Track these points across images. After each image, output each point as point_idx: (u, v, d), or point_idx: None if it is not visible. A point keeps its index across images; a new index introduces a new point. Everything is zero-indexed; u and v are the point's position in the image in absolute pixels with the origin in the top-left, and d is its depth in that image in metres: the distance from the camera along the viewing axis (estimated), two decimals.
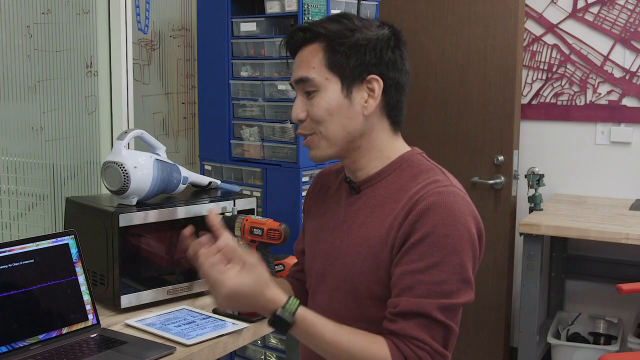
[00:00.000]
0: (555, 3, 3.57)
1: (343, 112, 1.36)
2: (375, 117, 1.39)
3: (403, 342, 1.26)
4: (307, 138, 1.41)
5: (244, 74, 2.84)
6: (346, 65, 1.35)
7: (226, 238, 1.26)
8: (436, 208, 1.28)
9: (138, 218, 1.93)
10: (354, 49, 1.35)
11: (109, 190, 1.98)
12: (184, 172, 2.12)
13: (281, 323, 1.23)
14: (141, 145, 2.18)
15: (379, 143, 1.41)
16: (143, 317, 1.86)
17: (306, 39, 1.38)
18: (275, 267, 2.06)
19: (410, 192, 1.34)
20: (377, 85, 1.37)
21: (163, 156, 2.09)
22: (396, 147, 1.43)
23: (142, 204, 1.99)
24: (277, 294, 1.24)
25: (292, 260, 2.13)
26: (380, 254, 1.34)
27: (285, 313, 1.23)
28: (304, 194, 2.61)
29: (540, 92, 3.65)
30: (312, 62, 1.37)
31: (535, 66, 3.65)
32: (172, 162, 2.09)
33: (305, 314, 1.25)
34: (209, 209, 1.40)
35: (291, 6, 2.64)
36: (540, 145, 3.67)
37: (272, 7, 2.72)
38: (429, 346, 1.25)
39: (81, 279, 1.78)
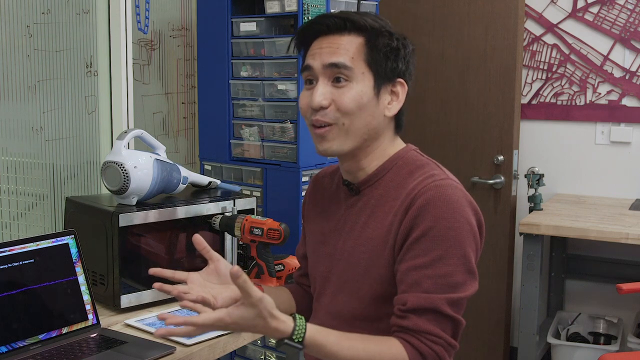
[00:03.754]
0: (555, 3, 3.57)
1: (370, 109, 1.37)
2: (388, 119, 1.41)
3: (417, 339, 1.26)
4: (325, 128, 1.36)
5: (243, 73, 2.84)
6: (383, 65, 1.37)
7: (223, 266, 1.34)
8: (435, 202, 1.29)
9: (138, 218, 1.93)
10: (393, 52, 1.38)
11: (109, 190, 1.98)
12: (184, 172, 2.12)
13: (291, 350, 1.21)
14: (141, 145, 2.18)
15: (382, 144, 1.42)
16: (143, 317, 1.86)
17: (345, 27, 1.36)
18: (275, 267, 2.06)
19: (408, 188, 1.35)
20: (402, 89, 1.41)
21: (163, 156, 2.09)
22: (394, 146, 1.45)
23: (142, 204, 1.99)
24: (282, 323, 1.19)
25: (292, 260, 2.13)
26: (382, 253, 1.34)
27: (293, 341, 1.19)
28: (303, 193, 2.61)
29: (540, 92, 3.65)
30: (351, 51, 1.35)
31: (535, 66, 3.65)
32: (172, 162, 2.09)
33: (315, 336, 1.21)
34: (195, 235, 1.37)
35: (291, 6, 2.64)
36: (540, 145, 3.67)
37: (272, 7, 2.72)
38: (443, 340, 1.26)
39: (81, 278, 1.78)
